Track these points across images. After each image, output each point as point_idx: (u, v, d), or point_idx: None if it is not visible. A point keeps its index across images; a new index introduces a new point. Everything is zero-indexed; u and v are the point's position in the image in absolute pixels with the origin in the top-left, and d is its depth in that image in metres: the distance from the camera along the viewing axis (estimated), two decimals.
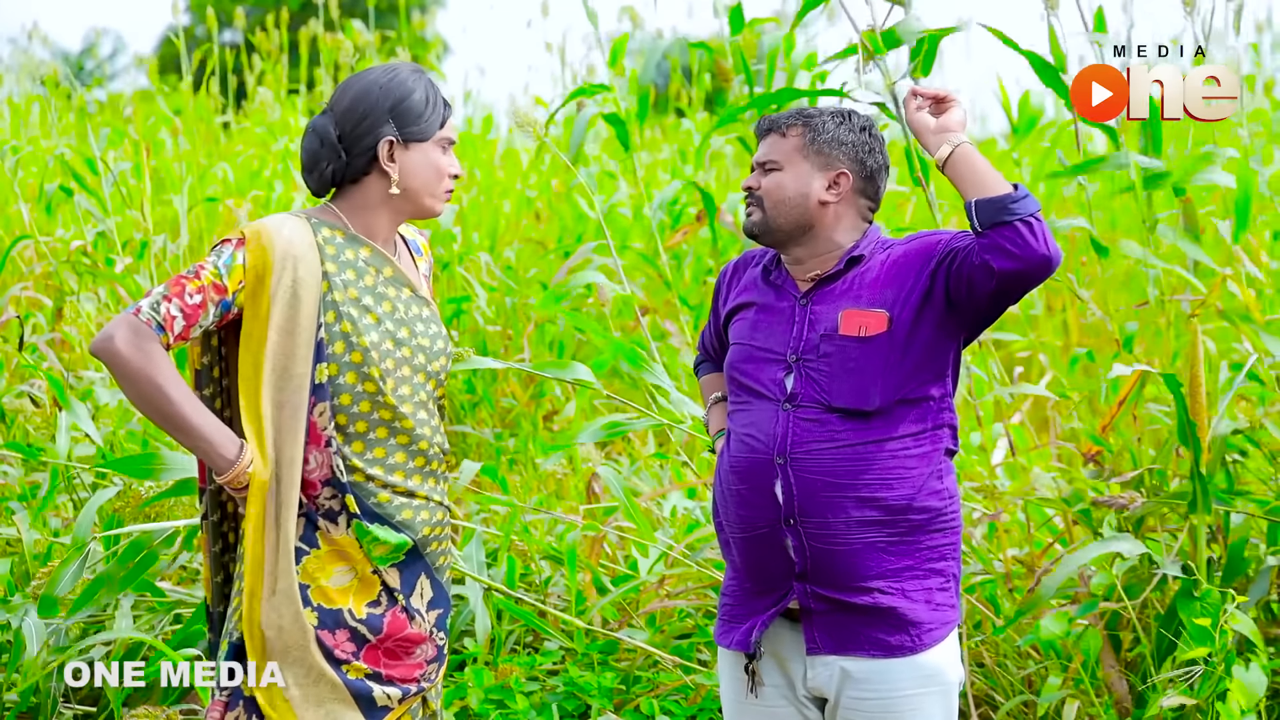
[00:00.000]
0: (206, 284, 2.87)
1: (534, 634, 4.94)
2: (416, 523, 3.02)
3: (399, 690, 3.01)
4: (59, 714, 4.33)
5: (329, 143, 2.99)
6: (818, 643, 2.93)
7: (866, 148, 3.00)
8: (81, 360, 6.60)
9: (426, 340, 3.06)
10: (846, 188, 2.98)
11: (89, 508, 4.39)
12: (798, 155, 2.98)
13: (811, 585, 2.92)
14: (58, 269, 7.07)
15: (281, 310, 2.91)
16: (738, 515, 2.98)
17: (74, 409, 4.84)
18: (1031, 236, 2.74)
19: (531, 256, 8.41)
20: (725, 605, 3.08)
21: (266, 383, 2.91)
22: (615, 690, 4.53)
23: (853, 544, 2.88)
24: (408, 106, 2.98)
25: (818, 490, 2.88)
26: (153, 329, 2.81)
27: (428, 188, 3.03)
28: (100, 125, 9.60)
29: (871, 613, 2.90)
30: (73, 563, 4.01)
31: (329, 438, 2.94)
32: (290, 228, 2.95)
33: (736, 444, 3.00)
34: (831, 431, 2.89)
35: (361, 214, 3.03)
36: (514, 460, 6.51)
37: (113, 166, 6.69)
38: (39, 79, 11.31)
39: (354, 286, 2.97)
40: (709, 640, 4.71)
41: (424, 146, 3.01)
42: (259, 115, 10.96)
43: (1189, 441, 4.07)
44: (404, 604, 3.02)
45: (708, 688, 4.40)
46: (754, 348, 3.01)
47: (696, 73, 8.57)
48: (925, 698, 2.94)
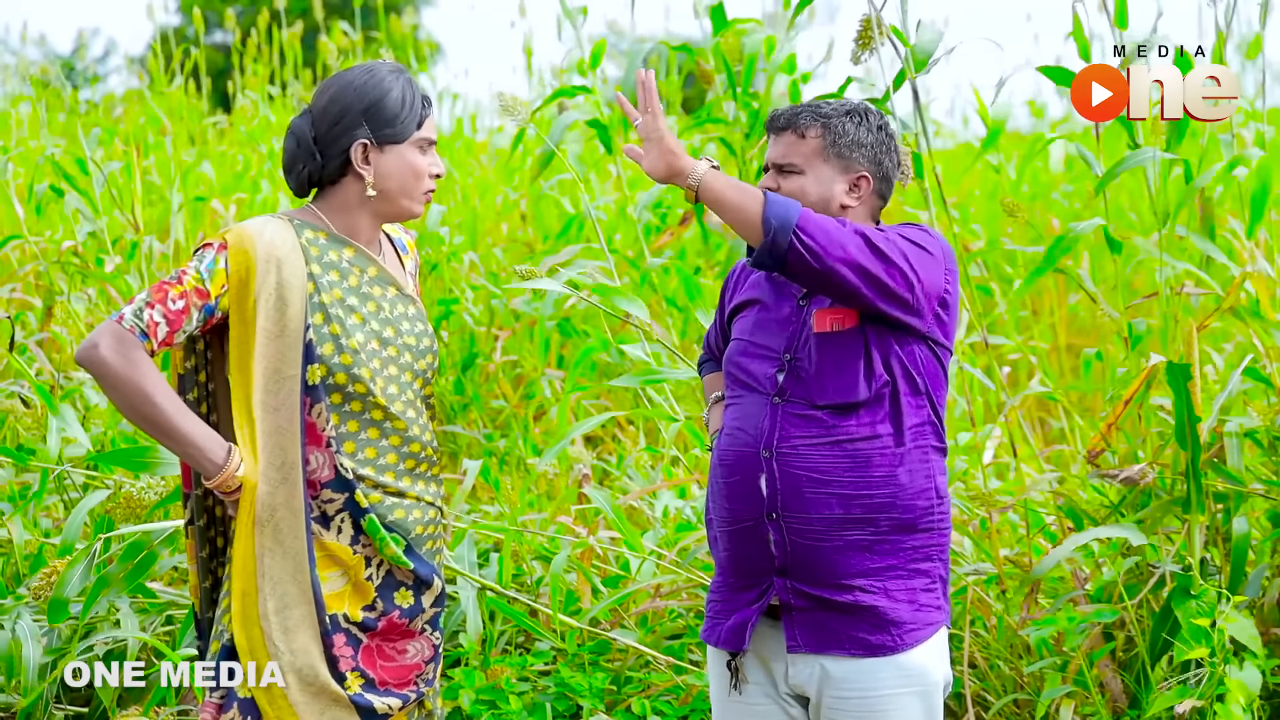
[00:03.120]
0: (189, 289, 2.87)
1: (525, 634, 4.94)
2: (409, 522, 3.02)
3: (398, 699, 3.01)
4: (50, 715, 4.32)
5: (305, 145, 2.98)
6: (798, 641, 2.93)
7: (884, 147, 3.00)
8: (72, 361, 6.58)
9: (413, 339, 3.05)
10: (866, 191, 2.98)
11: (79, 509, 4.38)
12: (818, 159, 2.96)
13: (792, 581, 2.92)
14: (48, 269, 7.05)
15: (267, 313, 2.90)
16: (724, 508, 2.99)
17: (62, 414, 4.83)
18: (811, 252, 2.77)
19: (518, 257, 8.41)
20: (711, 603, 3.09)
21: (257, 386, 2.91)
22: (607, 691, 4.52)
23: (834, 541, 2.89)
24: (382, 108, 2.95)
25: (801, 485, 2.89)
26: (136, 336, 2.82)
27: (404, 190, 3.00)
28: (91, 126, 9.59)
29: (853, 611, 2.91)
30: (78, 565, 4.00)
31: (329, 438, 2.93)
32: (273, 230, 2.95)
33: (727, 437, 3.01)
34: (818, 427, 2.89)
35: (342, 215, 3.02)
36: (504, 460, 6.51)
37: (103, 167, 6.68)
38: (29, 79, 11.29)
39: (338, 287, 2.97)
40: (700, 641, 4.72)
41: (400, 148, 2.98)
42: (241, 116, 10.94)
43: (1185, 440, 4.07)
44: (405, 606, 3.02)
45: (699, 688, 4.40)
46: (751, 343, 3.02)
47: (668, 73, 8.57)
48: (906, 698, 2.94)
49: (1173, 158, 4.26)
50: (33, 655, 4.12)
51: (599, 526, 5.18)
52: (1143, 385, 4.28)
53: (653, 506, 5.32)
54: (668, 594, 4.77)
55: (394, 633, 3.02)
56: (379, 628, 3.00)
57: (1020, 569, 4.51)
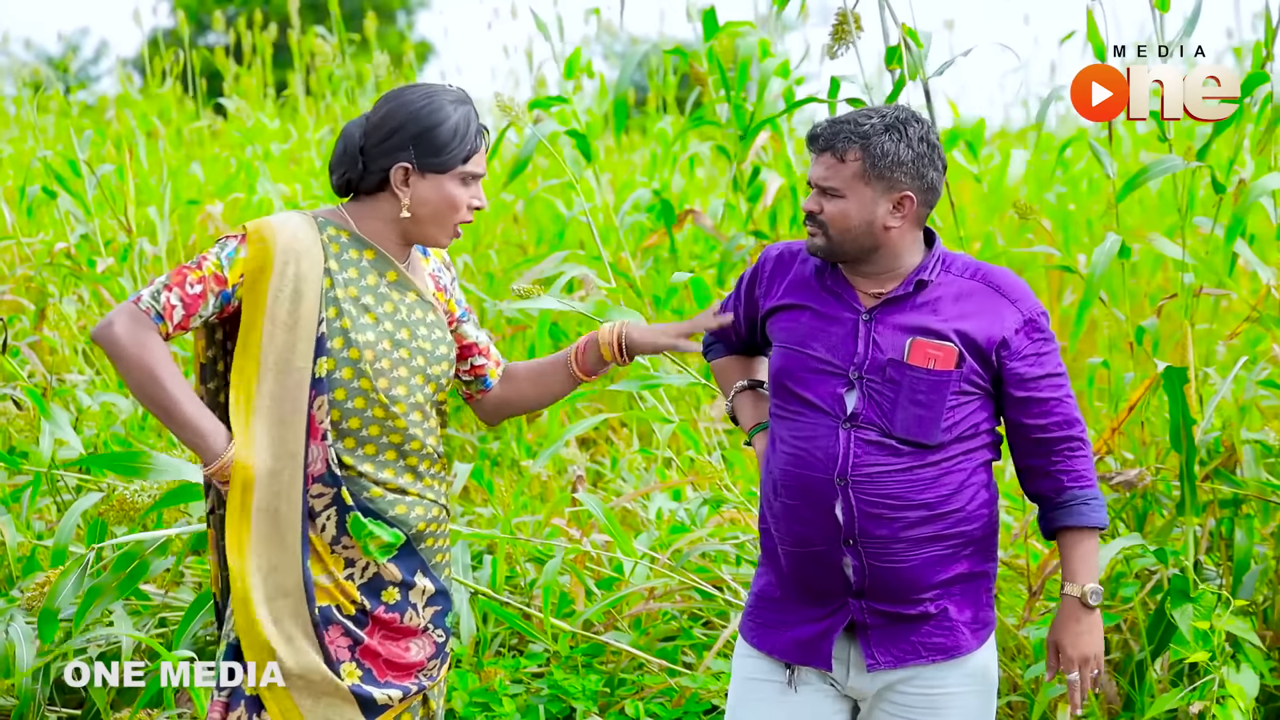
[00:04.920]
0: (208, 274, 2.91)
1: (519, 636, 4.93)
2: (411, 518, 3.03)
3: (399, 690, 3.02)
4: (44, 717, 4.31)
5: (352, 151, 3.00)
6: (877, 660, 2.93)
7: (926, 160, 2.91)
8: (64, 363, 6.57)
9: (429, 344, 3.06)
10: (910, 209, 2.91)
11: (72, 512, 4.37)
12: (859, 182, 2.89)
13: (869, 601, 2.91)
14: (40, 271, 7.04)
15: (283, 305, 2.92)
16: (789, 530, 2.95)
17: (54, 417, 4.82)
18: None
19: (512, 259, 8.40)
20: (762, 607, 3.05)
21: (265, 376, 2.92)
22: (600, 693, 4.52)
23: (912, 560, 2.88)
24: (433, 137, 2.95)
25: (881, 512, 2.86)
26: (151, 318, 2.86)
27: (436, 219, 3.01)
28: (83, 128, 9.57)
29: (923, 619, 2.92)
30: (70, 575, 3.99)
31: (325, 431, 2.94)
32: (294, 224, 2.98)
33: (787, 458, 2.95)
34: (893, 456, 2.87)
35: (371, 223, 3.04)
36: (496, 462, 6.51)
37: (95, 169, 6.67)
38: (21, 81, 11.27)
39: (355, 285, 2.99)
40: (694, 643, 4.71)
41: (441, 179, 2.98)
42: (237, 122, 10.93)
43: (1180, 445, 4.07)
44: (390, 603, 3.02)
45: (692, 690, 4.39)
46: (811, 357, 2.95)
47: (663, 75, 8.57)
48: (969, 696, 2.97)
49: (1199, 165, 4.23)
50: (26, 657, 4.11)
51: (592, 529, 5.17)
52: (1147, 391, 4.27)
53: (646, 508, 5.31)
54: (661, 596, 4.76)
55: (391, 630, 3.03)
56: (368, 624, 3.00)
57: (1015, 571, 4.51)
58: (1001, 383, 2.92)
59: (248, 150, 9.45)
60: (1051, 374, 2.93)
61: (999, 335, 2.90)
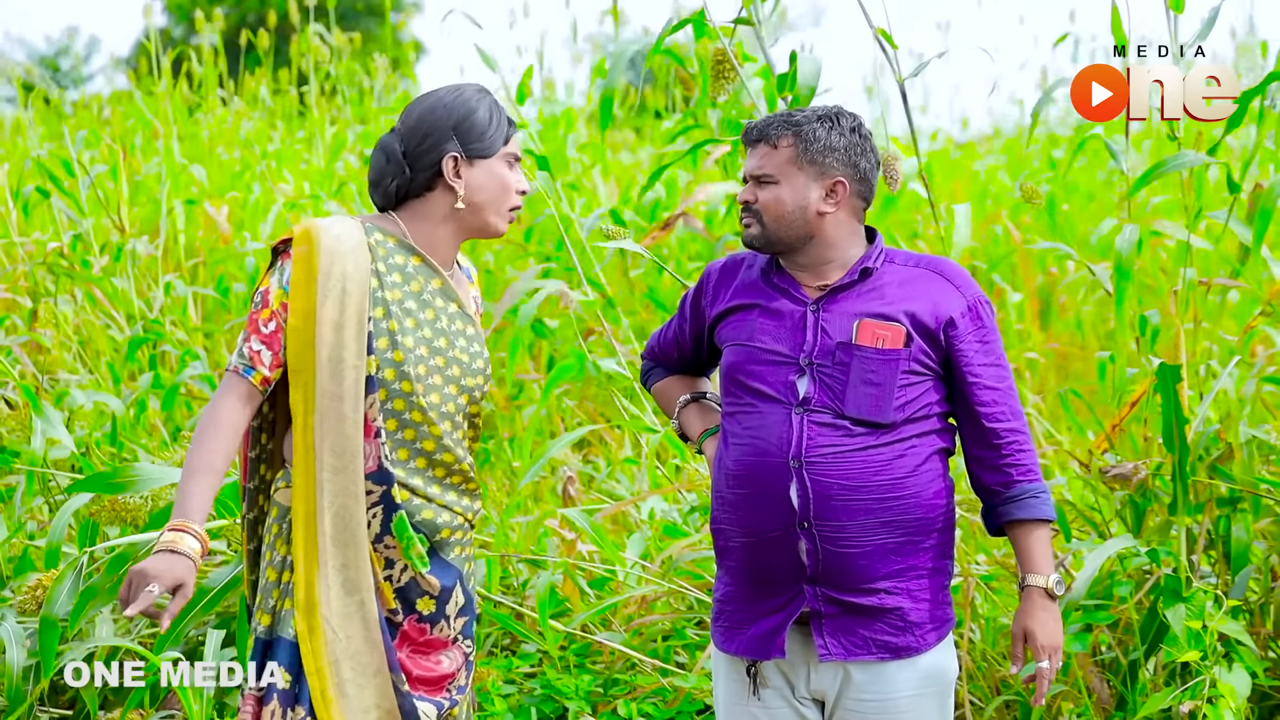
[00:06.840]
0: (275, 308, 2.95)
1: (511, 636, 4.93)
2: (437, 524, 3.04)
3: (433, 706, 3.03)
4: (35, 718, 4.31)
5: (395, 159, 3.02)
6: (829, 649, 2.94)
7: (859, 149, 2.99)
8: (57, 362, 6.56)
9: (466, 356, 3.07)
10: (844, 195, 2.98)
11: (64, 511, 4.36)
12: (791, 167, 2.97)
13: (822, 588, 2.92)
14: (33, 270, 7.03)
15: (332, 303, 2.93)
16: (744, 520, 2.97)
17: (47, 416, 4.81)
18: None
19: (510, 258, 8.40)
20: (724, 612, 3.07)
21: (321, 374, 2.93)
22: (593, 693, 4.52)
23: (865, 545, 2.89)
24: (472, 124, 3.00)
25: (833, 493, 2.88)
26: (242, 373, 2.91)
27: (493, 204, 3.04)
28: (77, 127, 9.57)
29: (877, 613, 2.93)
30: (65, 579, 3.98)
31: (378, 428, 2.95)
32: (340, 226, 2.99)
33: (741, 449, 2.98)
34: (845, 436, 2.89)
35: (424, 227, 3.05)
36: (488, 459, 6.50)
37: (89, 168, 6.67)
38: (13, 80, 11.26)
39: (400, 289, 3.00)
40: (687, 643, 4.71)
41: (488, 162, 3.02)
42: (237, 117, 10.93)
43: (1172, 442, 4.07)
44: (425, 613, 3.03)
45: (685, 690, 4.39)
46: (761, 350, 2.99)
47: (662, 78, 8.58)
48: (925, 698, 2.98)
49: (1214, 161, 4.23)
50: (17, 658, 4.10)
51: (585, 531, 5.16)
52: (1148, 389, 4.27)
53: (638, 509, 5.31)
54: (653, 600, 4.76)
55: (419, 645, 3.04)
56: (396, 636, 3.01)
57: (1008, 570, 4.51)
58: (950, 365, 2.96)
59: (236, 151, 9.44)
60: (996, 363, 2.99)
61: (946, 314, 2.95)
